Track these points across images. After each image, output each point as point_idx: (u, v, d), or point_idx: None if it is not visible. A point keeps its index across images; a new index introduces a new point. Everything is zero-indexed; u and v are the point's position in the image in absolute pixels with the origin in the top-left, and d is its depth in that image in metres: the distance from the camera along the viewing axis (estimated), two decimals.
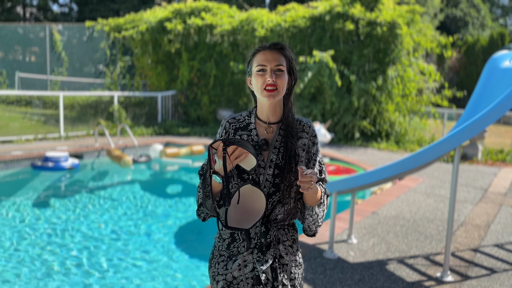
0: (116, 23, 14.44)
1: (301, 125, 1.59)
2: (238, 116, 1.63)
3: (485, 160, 9.29)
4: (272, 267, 1.54)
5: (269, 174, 1.52)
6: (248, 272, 1.54)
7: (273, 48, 1.53)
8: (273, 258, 1.54)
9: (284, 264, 1.58)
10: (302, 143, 1.57)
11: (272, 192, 1.53)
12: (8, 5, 29.92)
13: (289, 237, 1.60)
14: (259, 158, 1.53)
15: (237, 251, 1.57)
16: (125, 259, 4.20)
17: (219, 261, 1.60)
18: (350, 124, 11.16)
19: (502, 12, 43.78)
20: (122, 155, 8.00)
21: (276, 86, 1.49)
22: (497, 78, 4.16)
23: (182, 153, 8.85)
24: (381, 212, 5.24)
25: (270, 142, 1.55)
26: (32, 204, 5.95)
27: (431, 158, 3.43)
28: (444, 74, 22.62)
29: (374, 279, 3.43)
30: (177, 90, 13.55)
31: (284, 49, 1.55)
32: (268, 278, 1.53)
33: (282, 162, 1.51)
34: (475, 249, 4.18)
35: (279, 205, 1.54)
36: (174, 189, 7.40)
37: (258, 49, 1.55)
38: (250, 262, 1.54)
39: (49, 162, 7.57)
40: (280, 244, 1.57)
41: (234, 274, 1.56)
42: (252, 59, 1.56)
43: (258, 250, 1.54)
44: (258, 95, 1.53)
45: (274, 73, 1.50)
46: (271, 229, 1.54)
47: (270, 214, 1.55)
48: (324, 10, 11.66)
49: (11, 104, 12.54)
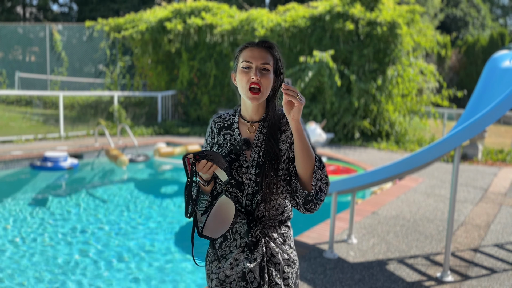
0: (116, 23, 14.44)
1: (285, 119, 1.55)
2: (225, 114, 1.62)
3: (485, 160, 9.28)
4: (261, 266, 1.52)
5: (252, 174, 1.51)
6: (239, 271, 1.54)
7: (261, 46, 1.50)
8: (262, 257, 1.52)
9: (276, 263, 1.55)
10: (286, 136, 1.54)
11: (256, 191, 1.51)
12: (8, 5, 29.92)
13: (280, 235, 1.58)
14: (241, 158, 1.52)
15: (229, 250, 1.57)
16: (125, 259, 4.20)
17: (212, 260, 1.61)
18: (350, 124, 11.16)
19: (502, 12, 43.78)
20: (119, 155, 7.98)
21: (260, 86, 1.45)
22: (497, 78, 4.16)
23: (176, 152, 8.83)
24: (381, 212, 5.24)
25: (252, 141, 1.53)
26: (29, 204, 5.93)
27: (431, 158, 3.43)
28: (444, 74, 22.61)
29: (374, 279, 3.43)
30: (177, 90, 13.55)
31: (273, 48, 1.51)
32: (255, 276, 1.51)
33: (263, 161, 1.49)
34: (475, 249, 4.18)
35: (263, 203, 1.52)
36: (173, 188, 7.40)
37: (246, 45, 1.51)
38: (241, 262, 1.54)
39: (48, 162, 7.55)
40: (270, 243, 1.55)
41: (226, 272, 1.56)
42: (239, 54, 1.52)
43: (247, 249, 1.53)
44: (242, 94, 1.50)
45: (260, 71, 1.46)
46: (254, 227, 1.52)
47: (254, 212, 1.54)
48: (324, 10, 11.66)
49: (11, 104, 12.54)
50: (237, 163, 1.52)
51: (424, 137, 11.78)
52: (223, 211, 1.50)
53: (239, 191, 1.53)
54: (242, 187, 1.52)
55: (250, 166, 1.51)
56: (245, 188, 1.52)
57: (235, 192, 1.53)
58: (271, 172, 1.48)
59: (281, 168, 1.50)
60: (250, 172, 1.51)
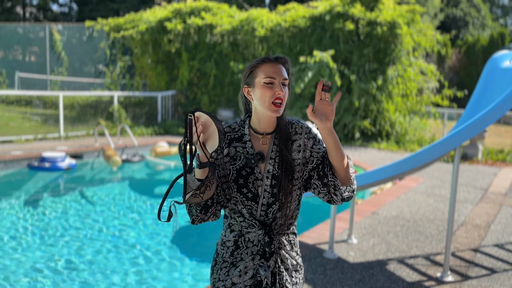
0: (116, 23, 14.44)
1: (293, 128, 1.60)
2: (234, 124, 1.62)
3: (485, 160, 9.28)
4: (272, 272, 1.57)
5: (267, 185, 1.54)
6: (247, 279, 1.57)
7: (279, 61, 1.54)
8: (275, 263, 1.58)
9: (286, 269, 1.60)
10: (297, 145, 1.59)
11: (271, 202, 1.55)
12: (8, 5, 29.92)
13: (287, 242, 1.62)
14: (256, 170, 1.54)
15: (240, 258, 1.59)
16: (124, 259, 4.20)
17: (221, 267, 1.61)
18: (350, 124, 11.15)
19: (502, 12, 43.79)
20: (112, 155, 7.92)
21: (282, 100, 1.51)
22: (497, 78, 4.16)
23: (173, 152, 8.79)
24: (381, 212, 5.23)
25: (266, 153, 1.57)
26: (24, 205, 5.88)
27: (431, 158, 3.43)
28: (444, 74, 22.62)
29: (374, 279, 3.42)
30: (177, 90, 13.55)
31: (287, 63, 1.56)
32: (268, 283, 1.56)
33: (278, 172, 1.54)
34: (475, 249, 4.18)
35: (279, 213, 1.57)
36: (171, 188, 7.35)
37: (264, 60, 1.53)
38: (251, 269, 1.57)
39: (46, 162, 7.50)
40: (281, 249, 1.60)
41: (234, 280, 1.58)
42: (256, 69, 1.53)
43: (261, 257, 1.56)
44: (263, 108, 1.51)
45: (282, 86, 1.51)
46: (275, 238, 1.57)
47: (272, 223, 1.58)
48: (324, 10, 11.66)
49: (11, 104, 12.55)
50: (253, 176, 1.55)
51: (424, 137, 11.78)
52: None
53: (255, 203, 1.56)
54: (257, 199, 1.56)
55: (265, 178, 1.55)
56: (260, 200, 1.55)
57: (250, 204, 1.56)
58: (287, 182, 1.54)
59: (296, 178, 1.57)
60: (265, 184, 1.55)
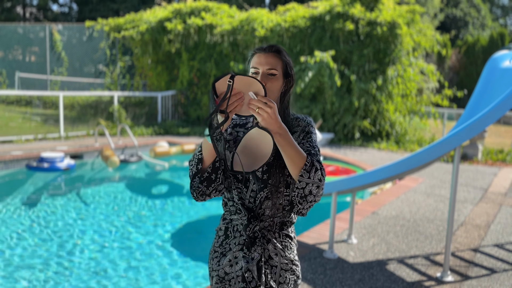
0: (116, 23, 14.44)
1: (297, 121, 1.61)
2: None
3: (485, 160, 9.28)
4: (258, 266, 1.55)
5: (258, 171, 1.54)
6: (238, 269, 1.57)
7: (269, 51, 1.55)
8: (260, 257, 1.55)
9: (273, 266, 1.58)
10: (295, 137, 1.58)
11: (260, 188, 1.55)
12: (8, 5, 29.92)
13: (278, 240, 1.59)
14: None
15: (229, 248, 1.61)
16: (124, 259, 4.20)
17: (213, 257, 1.65)
18: (350, 124, 11.16)
19: (502, 12, 43.80)
20: (110, 155, 7.90)
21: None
22: (497, 78, 4.16)
23: (172, 152, 8.78)
24: (381, 212, 5.23)
25: None
26: (22, 205, 5.87)
27: (431, 158, 3.43)
28: (444, 74, 22.62)
29: (374, 279, 3.43)
30: (177, 90, 13.55)
31: (280, 53, 1.57)
32: (253, 276, 1.54)
33: (271, 159, 1.53)
34: (475, 249, 4.18)
35: (266, 200, 1.55)
36: (170, 188, 7.38)
37: (255, 51, 1.58)
38: (240, 260, 1.57)
39: (44, 163, 7.45)
40: (269, 244, 1.57)
41: (226, 270, 1.60)
42: (251, 60, 1.60)
43: (245, 247, 1.56)
44: None
45: (266, 76, 1.52)
46: (253, 223, 1.54)
47: (256, 209, 1.56)
48: (324, 10, 11.66)
49: (11, 104, 12.56)
50: None
51: (424, 137, 11.78)
52: (254, 145, 1.52)
53: (244, 187, 1.56)
54: (247, 183, 1.56)
55: None
56: (251, 185, 1.55)
57: (240, 187, 1.57)
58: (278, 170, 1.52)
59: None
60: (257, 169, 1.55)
